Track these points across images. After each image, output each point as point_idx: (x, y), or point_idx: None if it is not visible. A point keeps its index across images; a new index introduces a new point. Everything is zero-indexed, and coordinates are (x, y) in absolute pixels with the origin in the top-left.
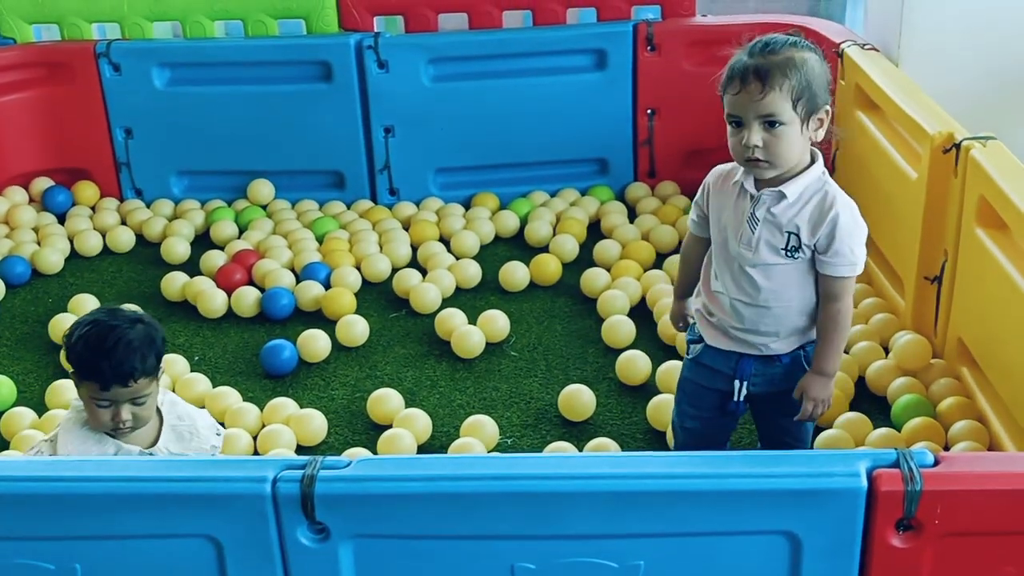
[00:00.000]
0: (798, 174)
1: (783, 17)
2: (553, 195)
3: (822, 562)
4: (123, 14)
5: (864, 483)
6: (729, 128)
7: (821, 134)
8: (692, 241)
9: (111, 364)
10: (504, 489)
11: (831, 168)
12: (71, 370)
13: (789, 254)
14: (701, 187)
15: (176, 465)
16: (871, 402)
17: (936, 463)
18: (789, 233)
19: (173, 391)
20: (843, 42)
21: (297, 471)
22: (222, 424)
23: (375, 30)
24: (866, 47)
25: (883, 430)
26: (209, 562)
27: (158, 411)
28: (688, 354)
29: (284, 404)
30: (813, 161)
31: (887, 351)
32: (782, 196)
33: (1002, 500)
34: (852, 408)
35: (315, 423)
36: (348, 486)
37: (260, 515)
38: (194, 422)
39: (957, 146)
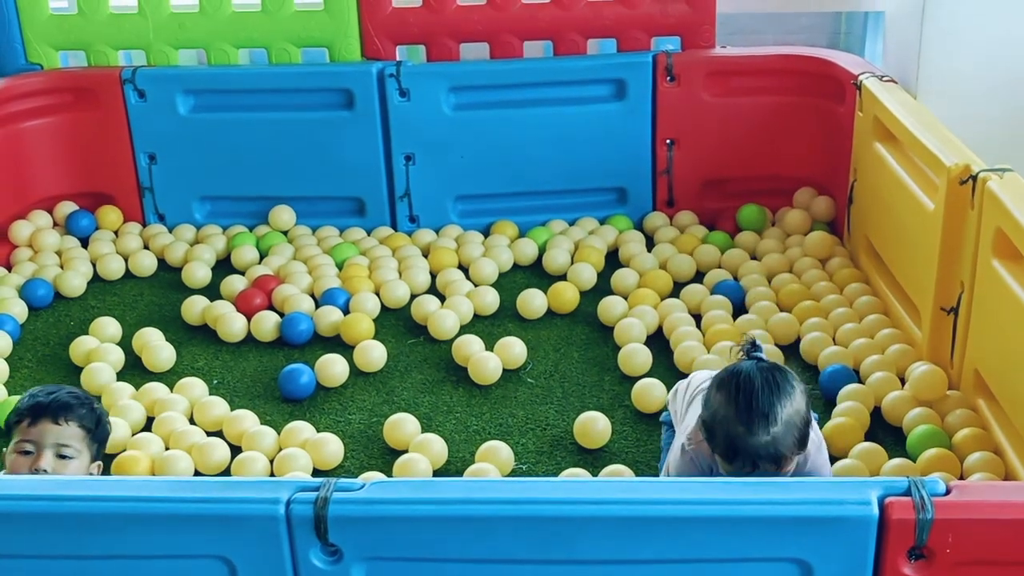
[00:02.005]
0: None
1: (802, 49)
2: (572, 224)
3: None
4: (149, 41)
5: (875, 511)
6: (724, 462)
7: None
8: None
9: (47, 396)
10: (517, 513)
11: (849, 200)
12: (9, 430)
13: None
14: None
15: (190, 485)
16: (886, 432)
17: (948, 492)
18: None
19: (191, 417)
20: (861, 73)
21: (311, 493)
22: (239, 448)
23: (397, 59)
24: (884, 79)
25: (898, 460)
26: None
27: None
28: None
29: (301, 428)
30: None
31: (903, 382)
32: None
33: (1015, 529)
34: (867, 438)
35: (331, 447)
36: (361, 508)
37: (273, 536)
38: None
39: (974, 178)
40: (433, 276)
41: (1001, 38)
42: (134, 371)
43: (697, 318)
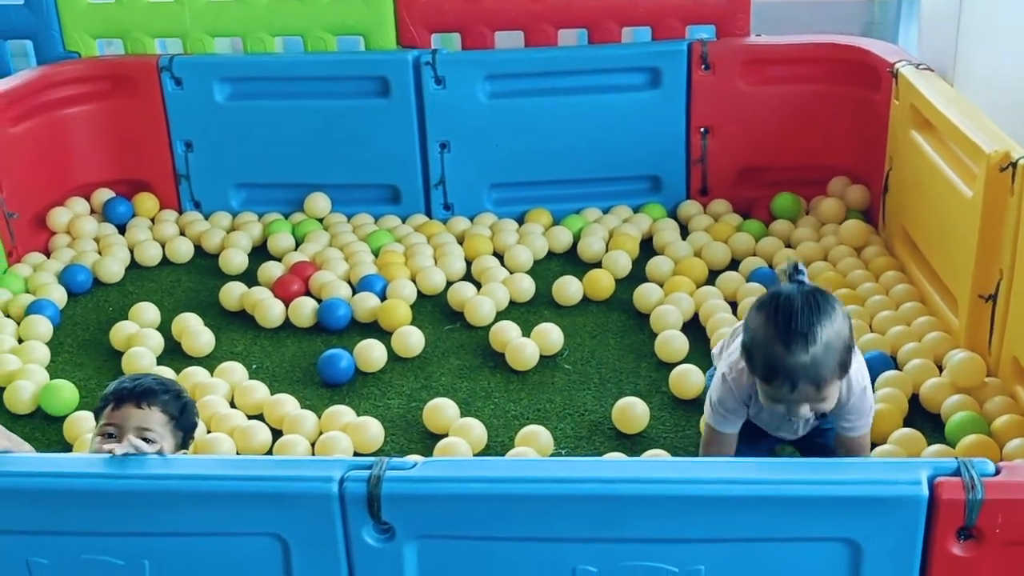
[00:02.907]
0: None
1: (837, 38)
2: (606, 212)
3: (882, 570)
4: (186, 29)
5: (925, 491)
6: (769, 401)
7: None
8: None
9: (132, 382)
10: (567, 492)
11: (884, 188)
12: (97, 412)
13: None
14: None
15: (245, 464)
16: (925, 419)
17: (997, 472)
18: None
19: (232, 401)
20: (897, 62)
21: (364, 471)
22: (279, 432)
23: (432, 47)
24: (920, 67)
25: (937, 446)
26: (275, 560)
27: None
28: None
29: (342, 412)
30: None
31: (941, 369)
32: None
33: None
34: (906, 425)
35: (372, 431)
36: (414, 486)
37: (327, 514)
38: None
39: (1014, 164)
40: (468, 263)
41: None
42: (174, 356)
43: (733, 305)
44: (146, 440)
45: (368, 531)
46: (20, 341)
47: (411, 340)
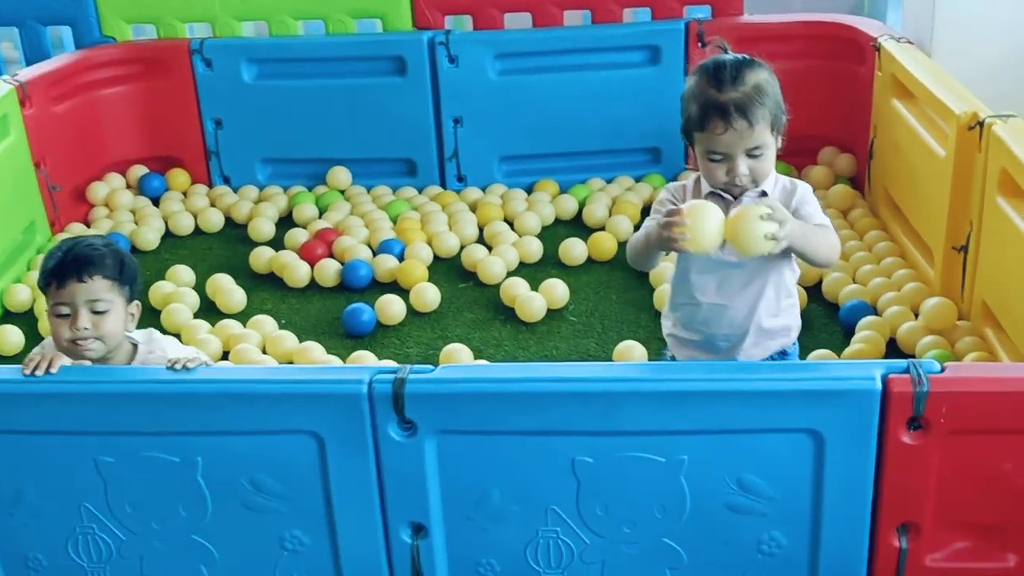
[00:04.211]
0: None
1: (825, 16)
2: (609, 182)
3: (842, 458)
4: (215, 14)
5: (879, 385)
6: (708, 162)
7: (781, 141)
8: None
9: (71, 255)
10: (567, 390)
11: (869, 155)
12: (43, 289)
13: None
14: (661, 203)
15: (287, 370)
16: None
17: (942, 370)
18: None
19: (263, 349)
20: (880, 36)
21: (390, 375)
22: None
23: (446, 28)
24: (901, 40)
25: None
26: (312, 455)
27: (134, 346)
28: None
29: (365, 356)
30: None
31: (917, 316)
32: (763, 194)
33: (1001, 401)
34: None
35: None
36: (434, 386)
37: (357, 412)
38: (165, 352)
39: (981, 123)
40: (480, 229)
41: (1010, 2)
42: (209, 313)
43: None
44: (98, 312)
45: (393, 427)
46: None
47: (428, 295)
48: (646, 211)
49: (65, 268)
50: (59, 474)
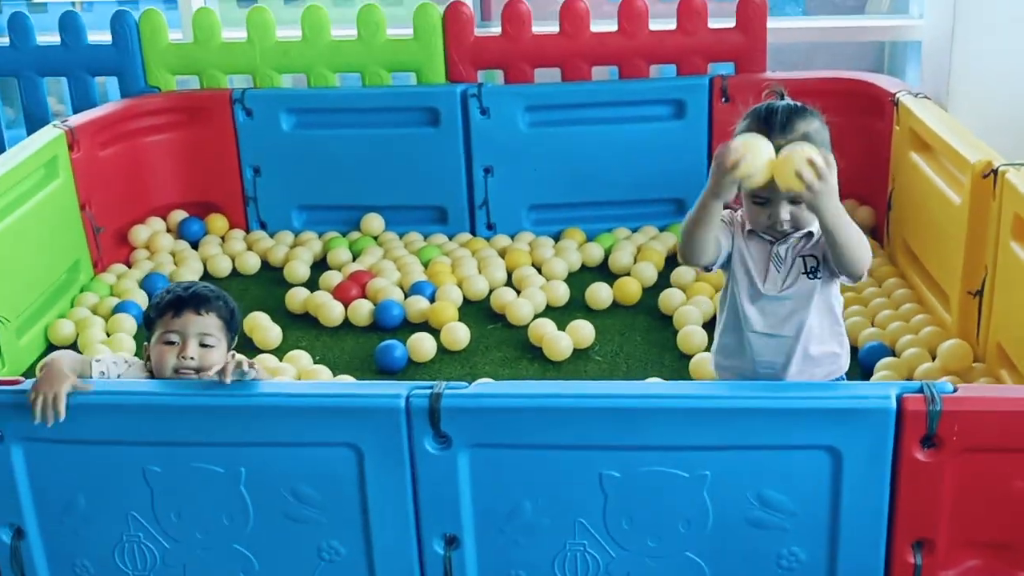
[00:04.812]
0: None
1: (844, 72)
2: (634, 231)
3: (859, 474)
4: (255, 66)
5: (894, 404)
6: (752, 205)
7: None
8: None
9: (188, 290)
10: (596, 405)
11: (888, 207)
12: (149, 324)
13: (811, 275)
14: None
15: (328, 386)
16: None
17: (955, 391)
18: (809, 257)
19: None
20: (898, 91)
21: (426, 391)
22: None
23: (478, 81)
24: (918, 95)
25: None
26: (351, 467)
27: None
28: None
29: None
30: None
31: (934, 358)
32: (809, 235)
33: (1010, 421)
34: None
35: None
36: (469, 401)
37: (395, 426)
38: None
39: (995, 171)
40: (509, 274)
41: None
42: (246, 349)
43: None
44: (206, 345)
45: (429, 440)
46: (108, 335)
47: (459, 334)
48: (671, 259)
49: (184, 301)
50: (109, 483)
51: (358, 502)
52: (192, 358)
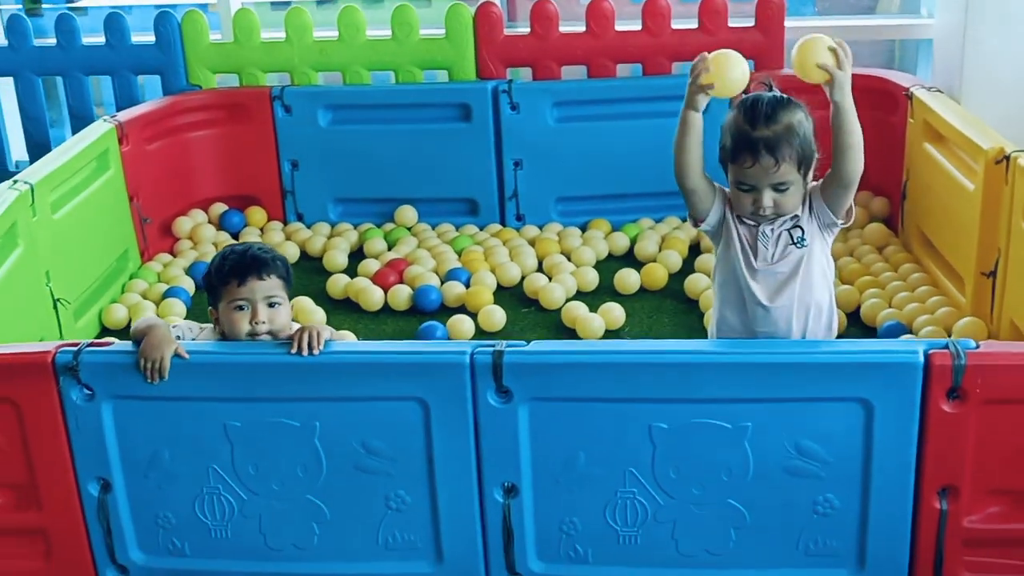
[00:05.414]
0: None
1: (859, 69)
2: (658, 221)
3: (889, 424)
4: (293, 65)
5: (921, 359)
6: (737, 191)
7: (811, 177)
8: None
9: (249, 256)
10: (646, 360)
11: (902, 197)
12: (211, 289)
13: (799, 244)
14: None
15: (398, 344)
16: None
17: (978, 347)
18: (795, 228)
19: None
20: (912, 86)
21: (489, 348)
22: None
23: (508, 78)
24: (932, 89)
25: None
26: (418, 420)
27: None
28: None
29: None
30: None
31: (950, 335)
32: (795, 218)
33: None
34: None
35: None
36: (529, 357)
37: (460, 381)
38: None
39: (1007, 157)
40: (539, 261)
41: None
42: None
43: None
44: (273, 306)
45: (491, 394)
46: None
47: (495, 316)
48: (694, 247)
49: (246, 267)
50: (191, 438)
51: (424, 454)
52: (264, 322)
